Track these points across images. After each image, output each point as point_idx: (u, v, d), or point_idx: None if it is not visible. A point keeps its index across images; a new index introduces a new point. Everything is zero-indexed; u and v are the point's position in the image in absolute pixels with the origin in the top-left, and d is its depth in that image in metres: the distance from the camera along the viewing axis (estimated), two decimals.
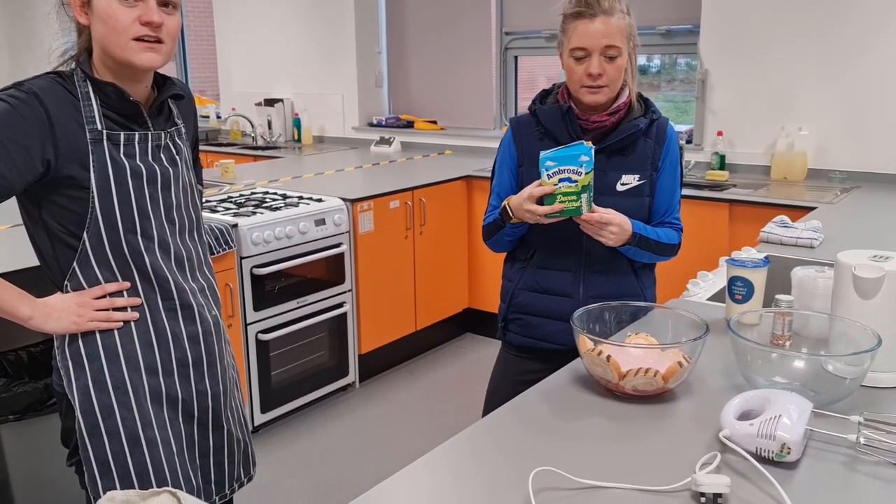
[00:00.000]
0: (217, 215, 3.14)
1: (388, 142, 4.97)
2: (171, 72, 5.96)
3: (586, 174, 1.67)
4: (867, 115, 3.60)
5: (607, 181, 1.82)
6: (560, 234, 1.82)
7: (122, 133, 1.45)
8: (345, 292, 3.53)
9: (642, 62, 4.81)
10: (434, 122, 5.15)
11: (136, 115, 1.48)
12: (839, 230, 2.68)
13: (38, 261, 1.50)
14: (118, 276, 1.48)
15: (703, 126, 4.05)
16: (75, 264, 1.46)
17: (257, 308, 3.13)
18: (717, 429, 1.21)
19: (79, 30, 1.47)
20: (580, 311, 1.52)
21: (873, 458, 1.16)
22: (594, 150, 1.69)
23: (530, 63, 5.16)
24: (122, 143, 1.45)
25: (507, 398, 1.42)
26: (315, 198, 3.49)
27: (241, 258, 3.04)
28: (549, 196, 1.71)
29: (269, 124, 5.55)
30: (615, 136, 1.80)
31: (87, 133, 1.41)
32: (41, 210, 1.44)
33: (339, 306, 3.50)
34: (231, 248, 2.96)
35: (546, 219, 1.73)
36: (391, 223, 3.74)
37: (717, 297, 1.95)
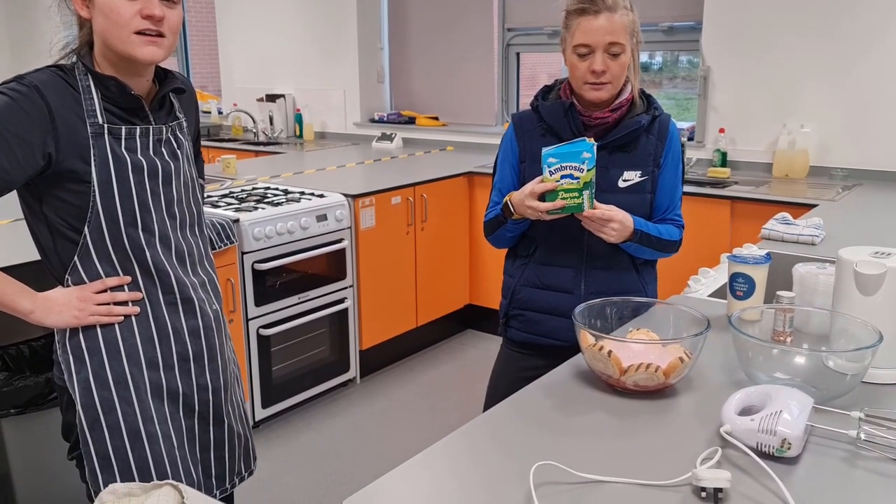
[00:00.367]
0: (219, 210, 3.14)
1: (389, 138, 4.97)
2: (172, 67, 5.96)
3: (588, 171, 1.67)
4: (869, 112, 3.60)
5: (609, 177, 1.82)
6: (562, 231, 1.82)
7: (123, 127, 1.44)
8: (346, 288, 3.53)
9: (644, 59, 4.81)
10: (436, 119, 5.15)
11: (137, 108, 1.47)
12: (840, 228, 2.68)
13: (39, 255, 1.50)
14: (119, 270, 1.48)
15: (704, 123, 4.05)
16: (76, 258, 1.45)
17: (258, 303, 3.13)
18: (717, 424, 1.21)
19: (80, 23, 1.47)
20: (582, 306, 1.52)
21: (874, 453, 1.16)
22: (596, 147, 1.69)
23: (532, 60, 5.16)
24: (123, 137, 1.44)
25: (507, 394, 1.42)
26: (317, 193, 3.49)
27: (243, 253, 3.05)
28: (550, 192, 1.71)
29: (271, 120, 5.55)
30: (617, 132, 1.80)
31: (88, 127, 1.40)
32: (42, 204, 1.43)
33: (341, 302, 3.50)
34: (232, 243, 2.96)
35: (548, 215, 1.73)
36: (392, 219, 3.74)
37: (719, 294, 1.95)
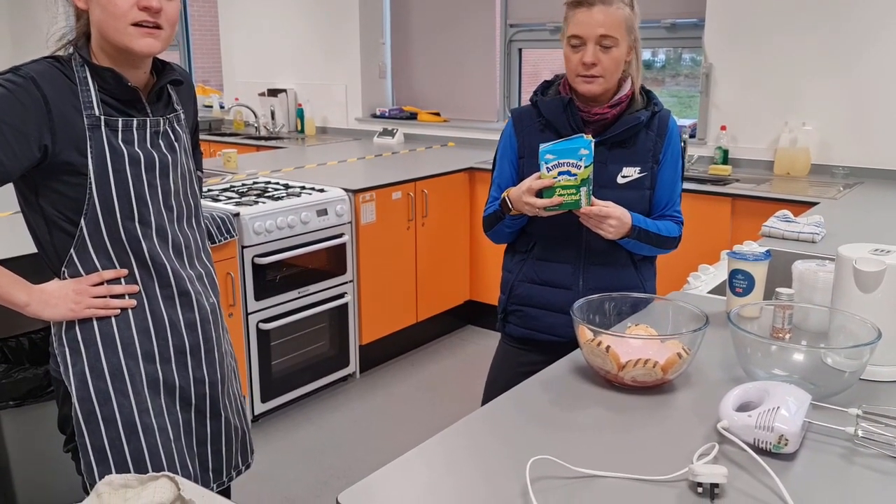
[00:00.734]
0: (219, 204, 3.14)
1: (391, 133, 4.96)
2: (175, 61, 5.95)
3: (585, 168, 1.67)
4: (871, 110, 3.59)
5: (608, 173, 1.81)
6: (560, 227, 1.82)
7: (120, 119, 1.43)
8: (346, 283, 3.53)
9: (647, 56, 4.80)
10: (437, 114, 5.14)
11: (134, 100, 1.46)
12: (841, 225, 2.67)
13: (36, 247, 1.49)
14: (116, 262, 1.47)
15: (706, 120, 4.04)
16: (73, 251, 1.44)
17: (258, 297, 3.13)
18: (715, 420, 1.21)
19: (77, 14, 1.46)
20: (580, 301, 1.52)
21: (871, 450, 1.16)
22: (594, 143, 1.68)
23: (535, 56, 5.16)
24: (120, 129, 1.43)
25: (505, 389, 1.42)
26: (317, 188, 3.49)
27: (243, 247, 3.05)
28: (548, 189, 1.70)
29: (273, 115, 5.55)
30: (616, 128, 1.80)
31: (84, 118, 1.39)
32: (38, 196, 1.43)
33: (341, 297, 3.50)
34: (233, 237, 2.96)
35: (545, 212, 1.73)
36: (393, 214, 3.74)
37: (718, 291, 1.95)
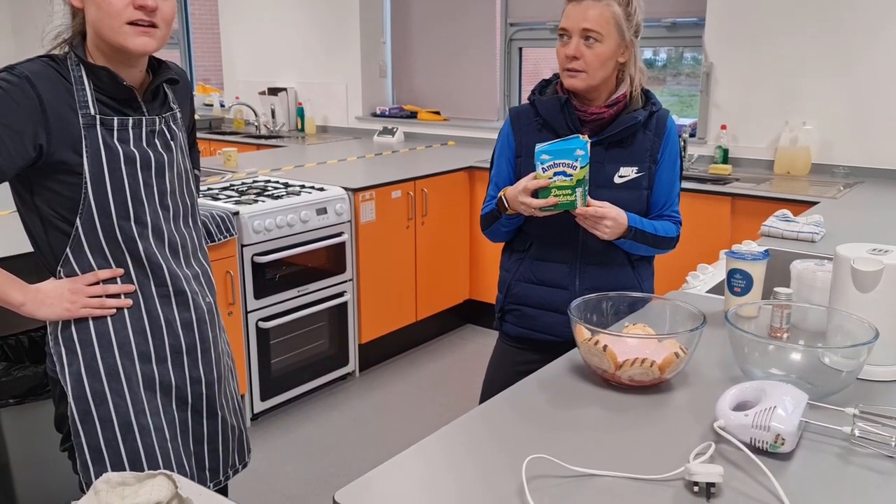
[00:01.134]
0: (219, 203, 3.14)
1: (391, 132, 4.96)
2: (175, 60, 5.94)
3: (581, 168, 1.67)
4: (872, 110, 3.59)
5: (605, 173, 1.81)
6: (557, 226, 1.82)
7: (115, 118, 1.43)
8: (346, 282, 3.53)
9: (648, 56, 4.79)
10: (437, 113, 5.14)
11: (130, 99, 1.46)
12: (841, 225, 2.67)
13: (32, 247, 1.49)
14: (111, 262, 1.46)
15: (706, 119, 4.04)
16: (68, 250, 1.44)
17: (258, 296, 3.13)
18: (712, 419, 1.21)
19: (73, 13, 1.45)
20: (578, 300, 1.52)
21: (867, 450, 1.16)
22: (590, 144, 1.68)
23: (535, 55, 5.15)
24: (115, 129, 1.43)
25: (503, 388, 1.42)
26: (317, 187, 3.49)
27: (242, 246, 3.05)
28: (543, 189, 1.70)
29: (273, 113, 5.55)
30: (613, 128, 1.80)
31: (79, 118, 1.39)
32: (34, 195, 1.42)
33: (340, 295, 3.51)
34: (232, 235, 2.96)
35: (541, 212, 1.73)
36: (393, 213, 3.74)
37: (717, 290, 1.95)
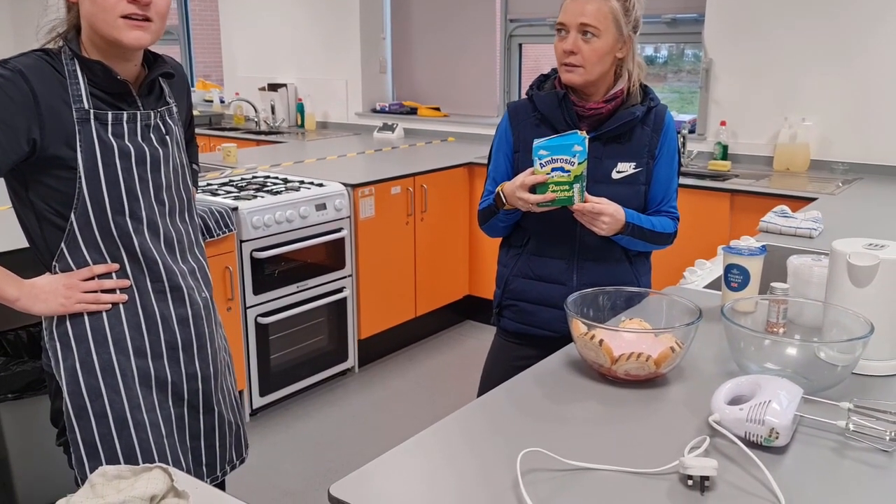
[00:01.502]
0: (218, 198, 3.14)
1: (391, 128, 4.96)
2: (175, 55, 5.94)
3: (579, 164, 1.67)
4: (871, 106, 3.58)
5: (603, 169, 1.81)
6: (554, 222, 1.82)
7: (109, 112, 1.42)
8: (345, 277, 3.53)
9: (649, 52, 4.79)
10: (437, 109, 5.14)
11: (124, 94, 1.45)
12: (839, 221, 2.67)
13: (27, 242, 1.49)
14: (106, 257, 1.46)
15: (706, 116, 4.04)
16: (63, 245, 1.44)
17: (257, 291, 3.14)
18: (707, 413, 1.21)
19: (67, 7, 1.45)
20: (574, 295, 1.52)
21: (862, 444, 1.17)
22: (588, 139, 1.68)
23: (535, 51, 5.14)
24: (109, 123, 1.42)
25: (500, 383, 1.42)
26: (316, 182, 3.49)
27: (241, 241, 3.05)
28: (541, 185, 1.70)
29: (273, 109, 5.55)
30: (611, 123, 1.80)
31: (73, 112, 1.39)
32: (28, 191, 1.42)
33: (339, 291, 3.51)
34: (231, 231, 2.96)
35: (538, 207, 1.73)
36: (392, 209, 3.74)
37: (714, 286, 1.95)
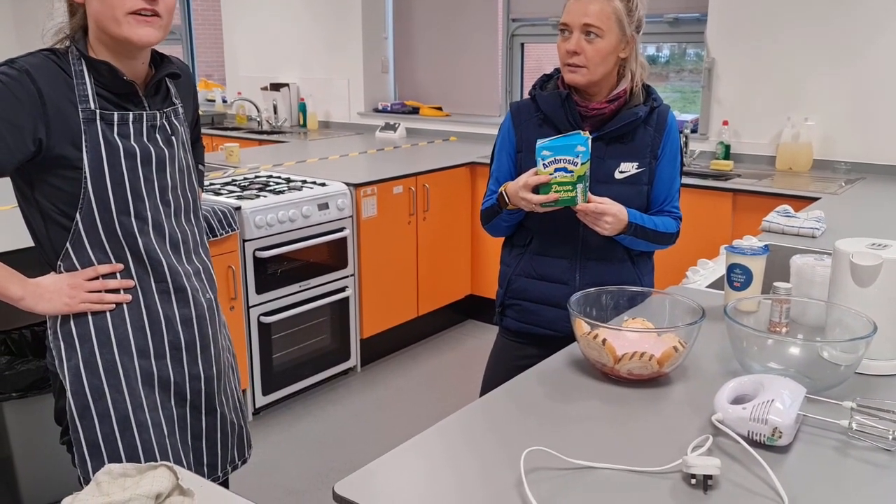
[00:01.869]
0: (220, 198, 3.14)
1: (393, 128, 4.96)
2: (178, 55, 5.97)
3: (582, 164, 1.67)
4: (874, 106, 3.58)
5: (606, 169, 1.81)
6: (557, 222, 1.82)
7: (115, 113, 1.42)
8: (347, 277, 3.54)
9: (651, 52, 4.78)
10: (439, 109, 5.14)
11: (131, 94, 1.45)
12: (842, 221, 2.67)
13: (33, 241, 1.49)
14: (111, 257, 1.46)
15: (708, 115, 4.04)
16: (68, 245, 1.44)
17: (260, 291, 3.14)
18: (710, 413, 1.22)
19: (71, 11, 1.45)
20: (577, 294, 1.52)
21: (865, 443, 1.17)
22: (591, 140, 1.68)
23: (537, 51, 5.14)
24: (115, 123, 1.42)
25: (502, 383, 1.42)
26: (319, 182, 3.50)
27: (244, 241, 3.05)
28: (544, 185, 1.70)
29: (275, 109, 5.55)
30: (614, 123, 1.80)
31: (79, 112, 1.39)
32: (34, 190, 1.42)
33: (342, 290, 3.51)
34: (234, 230, 2.97)
35: (541, 208, 1.73)
36: (394, 208, 3.74)
37: (717, 285, 1.95)
